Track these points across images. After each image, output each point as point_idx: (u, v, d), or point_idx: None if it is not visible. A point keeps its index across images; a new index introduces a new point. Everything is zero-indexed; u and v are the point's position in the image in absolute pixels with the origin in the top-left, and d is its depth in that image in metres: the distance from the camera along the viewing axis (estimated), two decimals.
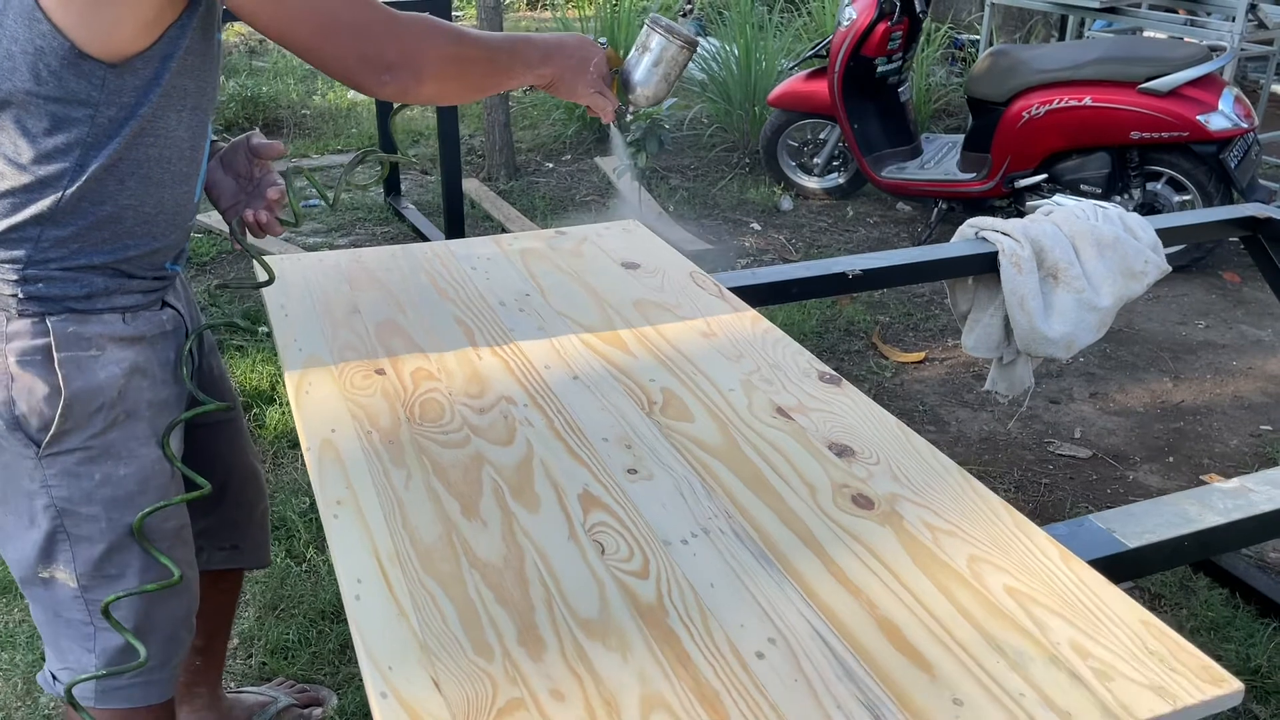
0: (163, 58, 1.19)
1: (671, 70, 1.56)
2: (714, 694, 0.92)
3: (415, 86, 1.28)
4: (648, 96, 1.58)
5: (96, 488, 1.28)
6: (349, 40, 1.22)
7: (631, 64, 1.57)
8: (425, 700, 0.91)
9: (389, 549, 1.10)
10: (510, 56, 1.42)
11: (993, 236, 2.03)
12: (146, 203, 1.26)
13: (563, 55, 1.46)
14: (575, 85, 1.49)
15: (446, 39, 1.31)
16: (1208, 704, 0.91)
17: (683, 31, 1.54)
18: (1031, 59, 4.30)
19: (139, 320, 1.30)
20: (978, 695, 0.92)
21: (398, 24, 1.25)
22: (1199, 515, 1.21)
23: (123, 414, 1.28)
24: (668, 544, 1.12)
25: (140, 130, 1.21)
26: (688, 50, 1.55)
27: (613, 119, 1.57)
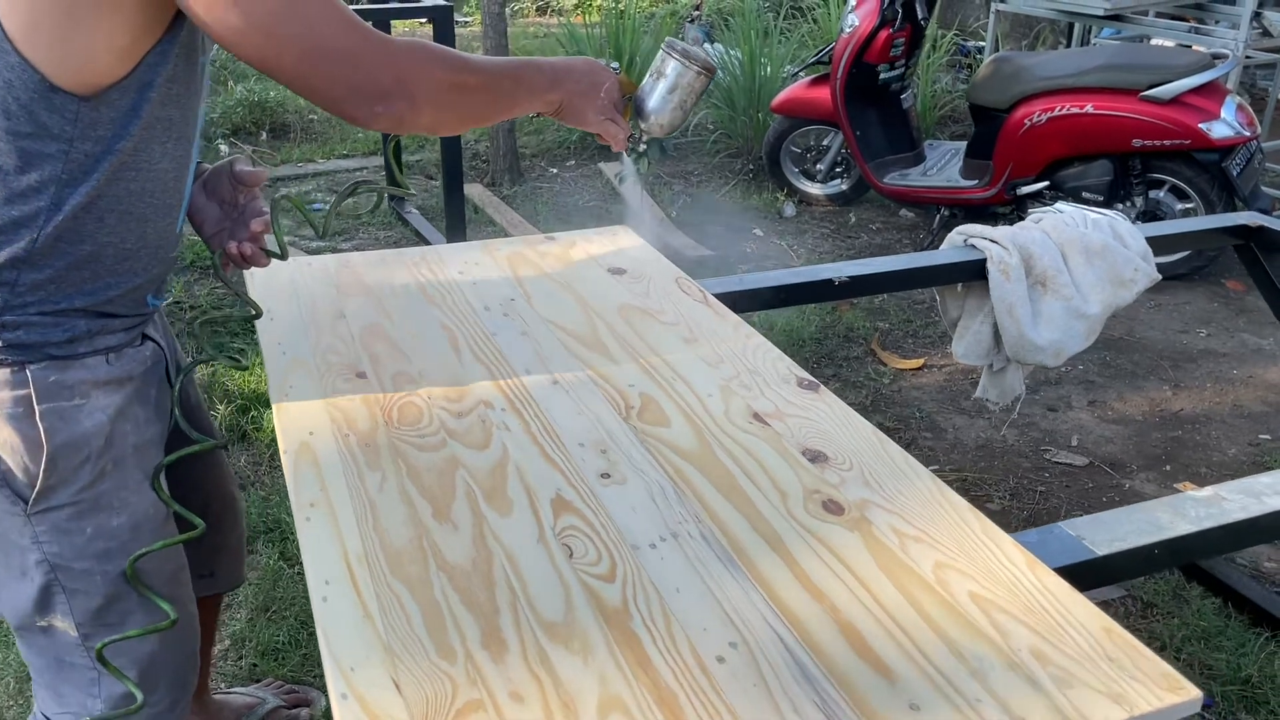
0: (140, 87, 1.13)
1: (688, 98, 1.50)
2: (672, 696, 0.93)
3: (411, 116, 1.19)
4: (662, 125, 1.52)
5: (89, 542, 1.24)
6: (338, 69, 1.12)
7: (646, 90, 1.52)
8: (385, 701, 0.92)
9: (358, 551, 1.10)
10: (514, 83, 1.34)
11: (981, 244, 2.04)
12: (128, 239, 1.21)
13: (571, 80, 1.40)
14: (584, 112, 1.43)
15: (443, 66, 1.22)
16: (1164, 711, 0.92)
17: (700, 57, 1.49)
18: (1034, 66, 4.30)
19: (123, 360, 1.25)
20: (934, 700, 0.92)
21: (391, 51, 1.16)
22: (1170, 523, 1.21)
23: (110, 463, 1.24)
24: (636, 548, 1.13)
25: (120, 165, 1.16)
26: (705, 77, 1.49)
27: (624, 147, 1.50)
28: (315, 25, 1.10)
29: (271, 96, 6.31)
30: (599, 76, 1.43)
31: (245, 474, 2.85)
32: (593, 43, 5.80)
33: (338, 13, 1.12)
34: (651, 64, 1.52)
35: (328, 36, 1.11)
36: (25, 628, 1.28)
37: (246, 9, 1.06)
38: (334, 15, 1.11)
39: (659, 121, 1.52)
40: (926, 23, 4.62)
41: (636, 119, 1.52)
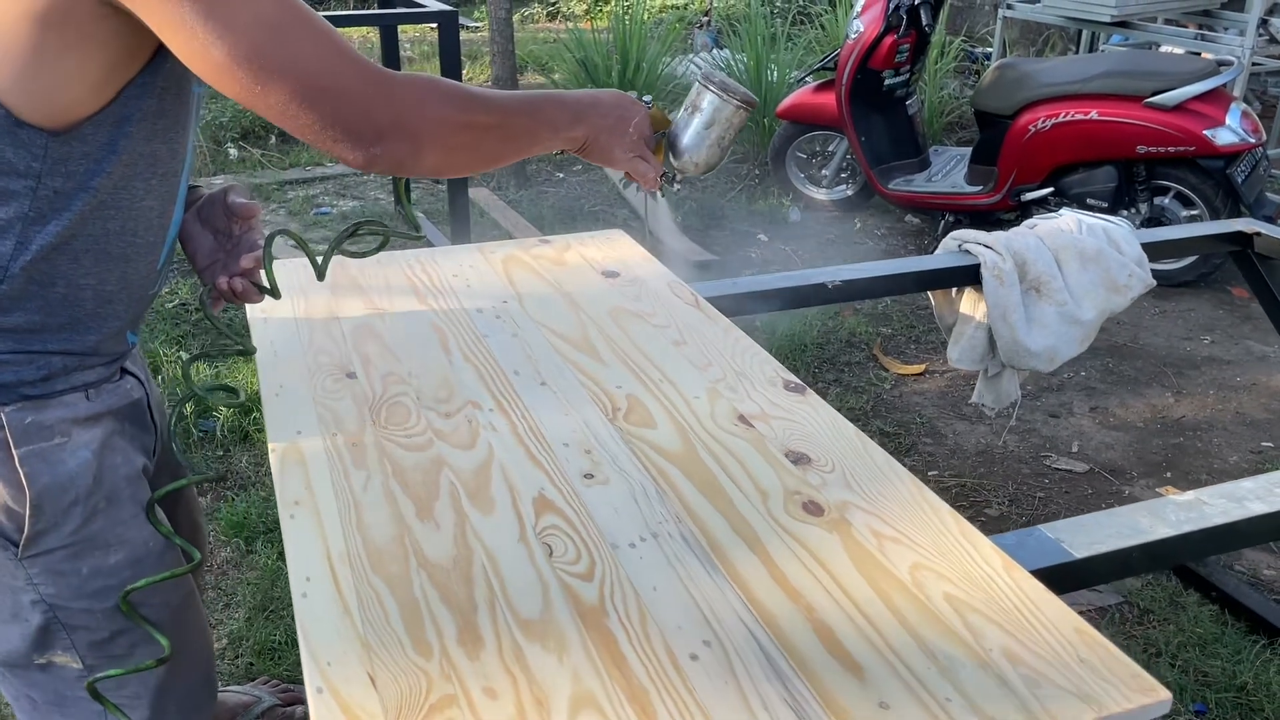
0: (118, 121, 1.06)
1: (725, 134, 1.41)
2: (644, 693, 0.93)
3: (413, 158, 1.10)
4: (697, 163, 1.42)
5: (85, 581, 1.18)
6: (331, 107, 1.02)
7: (680, 126, 1.42)
8: (360, 696, 0.93)
9: (340, 549, 1.12)
10: (532, 119, 1.24)
11: (975, 249, 2.04)
12: (108, 280, 1.14)
13: (597, 115, 1.31)
14: (611, 149, 1.33)
15: (450, 102, 1.12)
16: (1134, 713, 0.92)
17: (739, 90, 1.39)
18: (1038, 72, 4.30)
19: (102, 395, 1.19)
20: (904, 699, 0.93)
21: (389, 87, 1.06)
22: (1150, 527, 1.21)
23: (102, 500, 1.18)
24: (616, 547, 1.14)
25: (97, 203, 1.09)
26: (744, 111, 1.39)
27: (655, 187, 1.41)
28: (304, 60, 1.00)
29: None
30: (627, 111, 1.34)
31: (247, 474, 2.87)
32: (600, 48, 5.82)
33: (330, 46, 1.02)
34: (687, 97, 1.43)
35: (318, 72, 1.01)
36: (19, 666, 1.22)
37: (229, 43, 0.96)
38: (326, 49, 1.02)
39: (694, 160, 1.42)
40: (931, 29, 4.62)
41: (670, 157, 1.43)
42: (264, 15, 0.97)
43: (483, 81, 6.58)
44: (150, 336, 3.55)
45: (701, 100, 1.40)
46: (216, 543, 2.58)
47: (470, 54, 7.94)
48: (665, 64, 6.21)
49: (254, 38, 0.97)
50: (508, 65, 5.07)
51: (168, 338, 3.54)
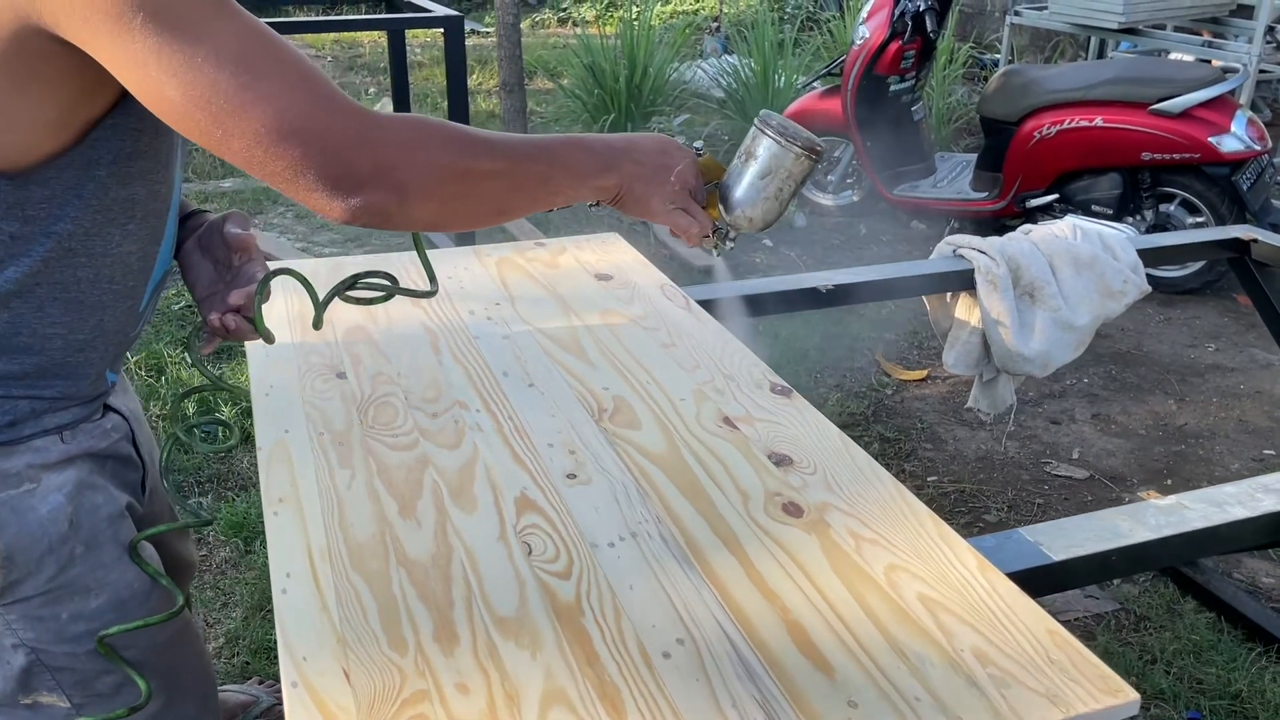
0: (84, 165, 0.98)
1: (785, 185, 1.23)
2: (615, 690, 0.94)
3: (400, 209, 0.96)
4: (752, 219, 1.25)
5: (66, 626, 1.12)
6: (303, 151, 0.89)
7: (734, 176, 1.25)
8: (333, 690, 0.94)
9: (322, 546, 1.13)
10: (548, 165, 1.09)
11: (969, 254, 2.05)
12: (79, 330, 1.06)
13: (631, 162, 1.15)
14: (648, 200, 1.18)
15: (444, 145, 0.98)
16: (1100, 713, 0.93)
17: (802, 135, 1.21)
18: (1043, 79, 4.30)
19: (79, 436, 1.12)
20: (873, 698, 0.93)
21: (370, 128, 0.93)
22: (1130, 530, 1.21)
23: (80, 545, 1.11)
24: (595, 546, 1.15)
25: (63, 250, 1.00)
26: (807, 159, 1.22)
27: (697, 243, 1.25)
28: (271, 99, 0.87)
29: None
30: (669, 158, 1.19)
31: (247, 475, 2.89)
32: (608, 53, 5.84)
33: (301, 82, 0.89)
34: (741, 143, 1.26)
35: (287, 112, 0.88)
36: (6, 705, 1.16)
37: (184, 81, 0.85)
38: (295, 85, 0.89)
39: (748, 214, 1.25)
40: (937, 35, 4.63)
41: (722, 211, 1.26)
42: (224, 49, 0.85)
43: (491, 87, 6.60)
44: (155, 338, 3.57)
45: (757, 146, 1.23)
46: (216, 542, 2.60)
47: (480, 59, 7.97)
48: (674, 69, 6.23)
49: (212, 75, 0.85)
50: (515, 70, 5.10)
51: (173, 339, 3.57)
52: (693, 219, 1.22)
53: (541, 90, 7.31)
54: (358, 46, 8.79)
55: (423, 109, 6.67)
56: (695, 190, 1.22)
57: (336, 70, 8.00)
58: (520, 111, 5.18)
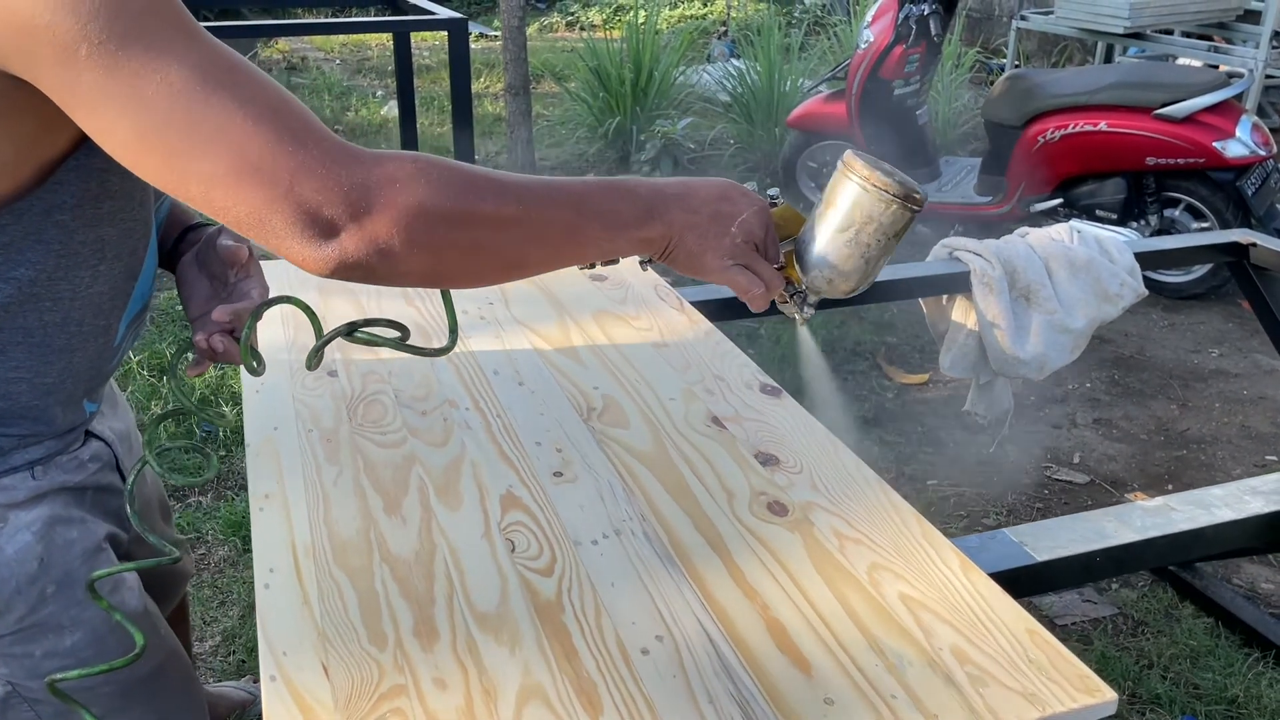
0: (45, 209, 0.92)
1: (874, 241, 1.01)
2: (592, 686, 0.95)
3: (383, 260, 0.81)
4: (831, 280, 1.04)
5: (40, 663, 1.08)
6: (268, 192, 0.77)
7: (812, 228, 1.05)
8: (311, 684, 0.94)
9: (306, 541, 1.14)
10: (576, 212, 0.91)
11: (965, 256, 2.04)
12: (45, 373, 1.00)
13: (682, 210, 0.97)
14: (702, 255, 0.99)
15: (441, 185, 0.82)
16: (1078, 713, 0.92)
17: (895, 179, 1.00)
18: (1048, 83, 4.30)
19: (53, 470, 1.07)
20: (850, 695, 0.94)
21: (350, 163, 0.79)
22: (1115, 531, 1.21)
23: (51, 585, 1.06)
24: (578, 544, 1.15)
25: (26, 296, 0.95)
26: (901, 209, 1.00)
27: (763, 307, 1.04)
28: (227, 136, 0.75)
29: None
30: (731, 205, 0.99)
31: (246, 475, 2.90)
32: (613, 56, 5.85)
33: (263, 115, 0.77)
34: (825, 190, 1.05)
35: (245, 151, 0.76)
36: None
37: (132, 119, 0.75)
38: (256, 119, 0.76)
39: (826, 275, 1.04)
40: (941, 39, 4.63)
41: (799, 270, 1.07)
42: (176, 82, 0.74)
43: (498, 90, 6.62)
44: (158, 337, 3.59)
45: (839, 192, 1.02)
46: (214, 541, 2.60)
47: (488, 62, 8.00)
48: (680, 72, 6.24)
49: (164, 112, 0.74)
50: (520, 73, 5.11)
51: (176, 339, 3.58)
52: (755, 278, 1.01)
53: (548, 94, 7.33)
54: (365, 50, 8.83)
55: (429, 112, 6.69)
56: (764, 244, 1.02)
57: (344, 73, 8.04)
58: (525, 114, 5.19)
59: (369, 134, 6.38)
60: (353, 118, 6.66)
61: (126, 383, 3.28)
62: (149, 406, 3.15)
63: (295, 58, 8.18)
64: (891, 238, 1.02)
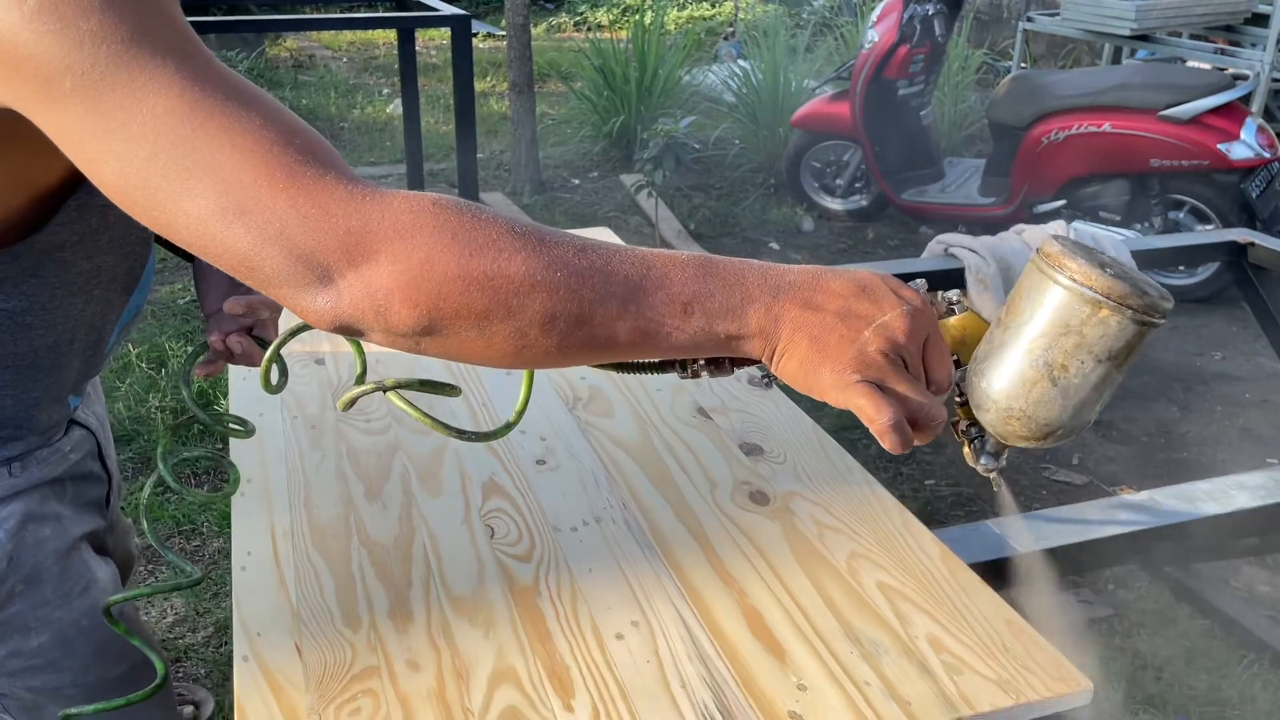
0: (46, 248, 0.90)
1: (1079, 364, 0.71)
2: (565, 669, 0.94)
3: (379, 319, 0.68)
4: (1004, 418, 0.74)
5: (5, 661, 1.06)
6: (255, 236, 0.67)
7: (993, 344, 0.75)
8: (284, 665, 0.94)
9: (285, 525, 1.14)
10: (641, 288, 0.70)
11: (959, 252, 2.04)
12: (33, 388, 0.99)
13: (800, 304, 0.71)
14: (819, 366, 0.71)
15: (454, 235, 0.67)
16: (1052, 701, 0.92)
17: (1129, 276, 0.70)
18: (1052, 84, 4.29)
19: (31, 466, 1.04)
20: (823, 681, 0.93)
21: (353, 201, 0.67)
22: (1099, 524, 1.21)
23: (20, 583, 1.03)
24: (558, 530, 1.15)
25: (19, 325, 0.93)
26: (1131, 320, 0.69)
27: (902, 448, 0.73)
28: (213, 174, 0.67)
29: (303, 104, 6.43)
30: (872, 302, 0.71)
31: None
32: (619, 56, 5.85)
33: (255, 149, 0.67)
34: (1016, 285, 0.75)
35: (232, 191, 0.67)
36: None
37: (118, 156, 0.67)
38: (246, 155, 0.67)
39: (1005, 409, 0.74)
40: (946, 40, 4.62)
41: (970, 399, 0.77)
42: (163, 116, 0.67)
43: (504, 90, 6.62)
44: (159, 330, 3.60)
45: (1025, 293, 0.73)
46: (209, 533, 2.61)
47: (495, 62, 8.00)
48: (686, 72, 6.24)
49: (149, 149, 0.67)
50: (525, 71, 5.11)
51: (176, 333, 3.59)
52: (882, 406, 0.70)
53: (554, 93, 7.33)
54: (373, 48, 8.85)
55: (435, 110, 6.70)
56: (920, 361, 0.73)
57: (351, 71, 8.05)
58: (529, 112, 5.19)
59: (373, 131, 6.39)
60: (358, 115, 6.68)
61: (125, 375, 3.29)
62: (147, 399, 3.15)
63: (303, 56, 8.20)
64: (1105, 360, 0.70)
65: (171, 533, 2.62)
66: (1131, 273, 0.70)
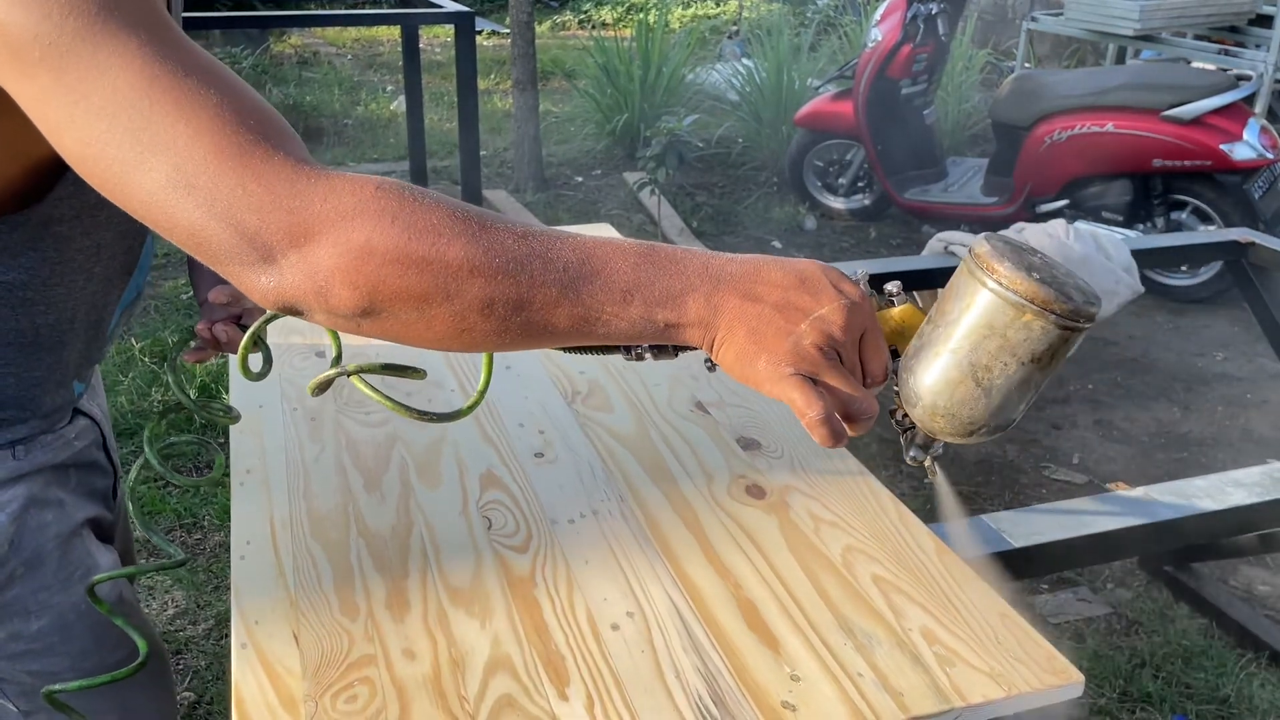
0: (43, 221, 0.92)
1: (1002, 365, 0.71)
2: (560, 659, 0.95)
3: (319, 299, 0.69)
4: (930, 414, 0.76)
5: (5, 644, 1.07)
6: (202, 212, 0.68)
7: (922, 341, 0.76)
8: (281, 653, 0.95)
9: (284, 515, 1.14)
10: (581, 274, 0.71)
11: (960, 250, 2.04)
12: (34, 367, 1.01)
13: (740, 294, 0.73)
14: (755, 358, 0.72)
15: (394, 218, 0.69)
16: (1043, 693, 0.92)
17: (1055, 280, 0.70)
18: (1055, 84, 4.29)
19: (36, 450, 1.05)
20: (816, 672, 0.94)
21: (298, 185, 0.69)
22: (1094, 520, 1.21)
23: (21, 566, 1.04)
24: (555, 522, 1.15)
25: (18, 300, 0.95)
26: (1054, 325, 0.69)
27: (833, 442, 0.73)
28: (165, 151, 0.68)
29: (307, 101, 6.44)
30: (811, 295, 0.73)
31: None
32: (622, 54, 5.86)
33: (208, 127, 0.68)
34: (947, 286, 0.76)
35: (182, 167, 0.68)
36: None
37: (79, 128, 0.69)
38: (199, 132, 0.68)
39: (931, 406, 0.76)
40: (949, 39, 4.62)
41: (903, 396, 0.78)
42: (122, 86, 0.68)
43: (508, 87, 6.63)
44: (162, 325, 3.61)
45: (962, 294, 0.73)
46: (210, 527, 2.62)
47: (499, 59, 8.01)
48: (690, 70, 6.24)
49: (107, 122, 0.68)
50: (528, 68, 5.12)
51: (179, 327, 3.60)
52: (813, 399, 0.71)
53: (558, 90, 7.34)
54: (377, 45, 8.86)
55: (439, 108, 6.71)
56: (856, 354, 0.75)
57: (355, 68, 8.07)
58: (533, 110, 5.20)
59: (377, 128, 6.40)
60: (362, 112, 6.69)
61: (129, 369, 3.30)
62: (149, 393, 3.17)
63: (307, 52, 8.21)
64: (1029, 363, 0.70)
65: (173, 525, 2.63)
66: (1061, 277, 0.71)
